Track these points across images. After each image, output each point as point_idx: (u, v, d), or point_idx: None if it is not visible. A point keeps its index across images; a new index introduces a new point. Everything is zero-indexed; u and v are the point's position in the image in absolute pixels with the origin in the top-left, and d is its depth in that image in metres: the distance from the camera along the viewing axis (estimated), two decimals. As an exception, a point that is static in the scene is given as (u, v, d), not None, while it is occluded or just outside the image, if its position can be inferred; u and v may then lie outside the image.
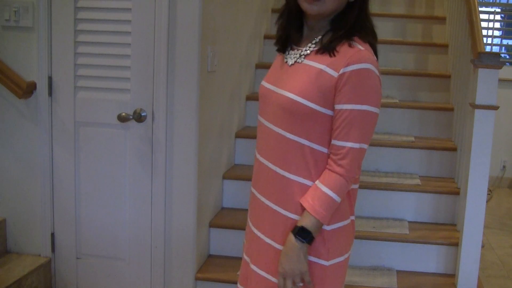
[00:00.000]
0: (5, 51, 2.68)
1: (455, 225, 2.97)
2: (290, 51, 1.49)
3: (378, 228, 2.90)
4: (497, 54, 2.81)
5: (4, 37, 2.67)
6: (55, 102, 2.67)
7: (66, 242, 2.77)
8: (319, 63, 1.40)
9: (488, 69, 2.55)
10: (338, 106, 1.37)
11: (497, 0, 5.74)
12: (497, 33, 5.78)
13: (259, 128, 1.53)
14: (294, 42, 1.49)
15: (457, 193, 2.96)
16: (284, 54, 1.52)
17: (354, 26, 1.41)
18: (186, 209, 2.64)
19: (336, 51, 1.38)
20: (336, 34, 1.40)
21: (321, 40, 1.43)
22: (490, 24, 5.72)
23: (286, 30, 1.49)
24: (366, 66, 1.35)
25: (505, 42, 5.93)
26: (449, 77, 3.74)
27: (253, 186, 1.56)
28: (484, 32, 4.51)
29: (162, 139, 2.59)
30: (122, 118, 2.56)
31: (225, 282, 2.66)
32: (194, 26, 2.52)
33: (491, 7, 5.76)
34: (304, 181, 1.43)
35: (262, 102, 1.52)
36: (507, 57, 6.06)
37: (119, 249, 2.72)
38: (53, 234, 2.77)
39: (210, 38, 2.69)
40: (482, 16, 5.54)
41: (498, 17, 5.80)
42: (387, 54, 3.94)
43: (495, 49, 5.83)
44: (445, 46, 3.99)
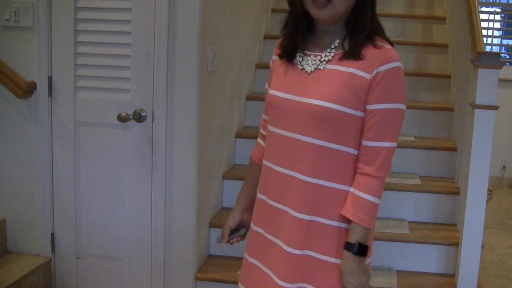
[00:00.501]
0: (5, 51, 2.68)
1: (455, 225, 2.97)
2: (304, 58, 1.44)
3: (378, 228, 2.90)
4: (497, 54, 2.81)
5: (4, 37, 2.67)
6: (55, 102, 2.67)
7: (66, 242, 2.77)
8: (347, 67, 1.37)
9: (488, 69, 2.55)
10: (372, 107, 1.36)
11: (497, 0, 5.74)
12: (497, 33, 5.78)
13: (274, 139, 1.47)
14: (307, 48, 1.45)
15: (457, 193, 2.96)
16: (288, 62, 1.48)
17: (372, 26, 1.40)
18: (186, 209, 2.64)
19: (362, 54, 1.37)
20: (358, 38, 1.38)
21: (341, 44, 1.40)
22: (490, 24, 5.73)
23: (294, 39, 1.45)
24: (397, 64, 1.36)
25: (505, 42, 5.93)
26: (449, 77, 3.74)
27: (271, 199, 1.49)
28: (484, 32, 4.51)
29: (162, 139, 2.59)
30: (122, 118, 2.56)
31: (225, 282, 2.66)
32: (194, 26, 2.52)
33: (491, 7, 5.76)
34: (342, 187, 1.40)
35: (278, 112, 1.46)
36: (507, 57, 6.06)
37: (119, 249, 2.72)
38: (53, 234, 2.77)
39: (210, 38, 2.69)
40: (482, 16, 5.54)
41: (498, 17, 5.80)
42: (387, 54, 3.93)
43: (495, 49, 5.83)
44: (445, 46, 3.99)
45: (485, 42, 4.81)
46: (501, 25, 5.85)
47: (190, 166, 2.61)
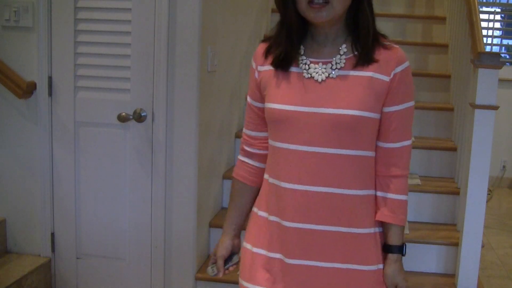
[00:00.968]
0: (5, 51, 2.68)
1: (455, 225, 2.97)
2: (310, 66, 1.35)
3: (378, 228, 2.90)
4: (497, 54, 2.81)
5: (4, 37, 2.67)
6: (55, 102, 2.67)
7: (66, 242, 2.77)
8: (365, 72, 1.32)
9: (488, 69, 2.55)
10: (392, 108, 1.35)
11: (497, 0, 5.74)
12: (497, 33, 5.78)
13: (286, 156, 1.35)
14: (309, 55, 1.36)
15: (457, 193, 2.96)
16: (283, 71, 1.37)
17: (374, 25, 1.37)
18: (186, 209, 2.64)
19: (376, 57, 1.34)
20: (366, 40, 1.33)
21: (350, 48, 1.34)
22: (490, 24, 5.73)
23: (288, 47, 1.35)
24: (408, 63, 1.36)
25: (505, 42, 5.93)
26: (449, 77, 3.74)
27: (292, 220, 1.36)
28: (484, 32, 4.51)
29: (162, 139, 2.59)
30: (122, 118, 2.56)
31: (225, 282, 2.65)
32: (194, 26, 2.52)
33: (491, 7, 5.76)
34: (370, 192, 1.38)
35: (288, 127, 1.34)
36: (507, 57, 6.06)
37: (119, 249, 2.72)
38: (53, 234, 2.77)
39: (210, 38, 2.69)
40: (482, 16, 5.54)
41: (498, 17, 5.80)
42: (387, 54, 3.93)
43: (495, 49, 5.83)
44: (445, 46, 3.99)
45: (485, 42, 4.81)
46: (501, 25, 5.85)
47: (190, 166, 2.61)
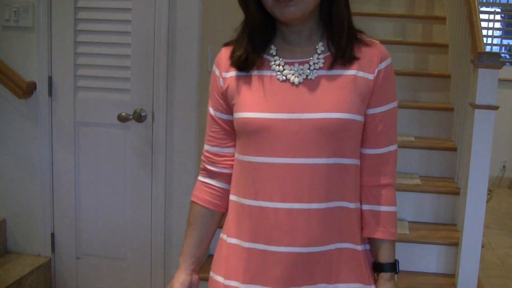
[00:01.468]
0: (5, 51, 2.68)
1: (455, 225, 2.97)
2: (284, 67, 1.19)
3: (378, 228, 2.90)
4: (497, 54, 2.81)
5: (4, 37, 2.67)
6: (55, 102, 2.67)
7: (66, 242, 2.77)
8: (347, 70, 1.18)
9: (488, 69, 2.55)
10: (376, 110, 1.21)
11: (497, 0, 5.74)
12: (497, 33, 5.78)
13: (263, 171, 1.18)
14: (280, 55, 1.21)
15: (457, 193, 2.96)
16: (246, 75, 1.22)
17: (349, 18, 1.21)
18: (186, 209, 2.63)
19: (356, 54, 1.20)
20: (344, 36, 1.19)
21: (326, 46, 1.20)
22: (490, 24, 5.73)
23: (248, 48, 1.21)
24: (390, 59, 1.23)
25: (505, 42, 5.93)
26: (449, 77, 3.74)
27: (276, 244, 1.17)
28: (484, 32, 4.51)
29: (162, 139, 2.59)
30: (122, 118, 2.56)
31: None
32: (194, 26, 2.52)
33: (491, 7, 5.76)
34: (357, 204, 1.24)
35: (264, 137, 1.17)
36: (507, 57, 6.06)
37: (119, 249, 2.72)
38: (53, 234, 2.77)
39: (210, 38, 2.70)
40: (482, 16, 5.55)
41: (498, 17, 5.81)
42: (387, 54, 3.94)
43: (495, 49, 5.83)
44: (445, 46, 3.99)
45: (485, 42, 4.81)
46: (501, 25, 5.85)
47: (190, 166, 2.61)
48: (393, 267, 1.24)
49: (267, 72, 1.20)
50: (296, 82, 1.18)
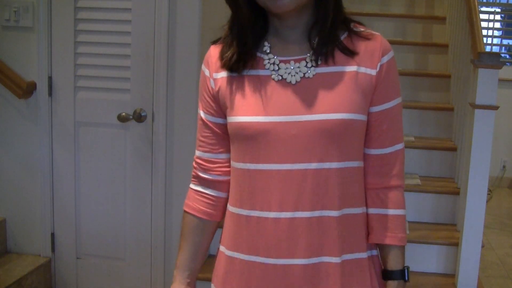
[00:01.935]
0: (5, 51, 2.68)
1: (455, 225, 2.97)
2: (279, 66, 1.11)
3: (378, 228, 2.90)
4: (497, 54, 2.81)
5: (4, 37, 2.67)
6: (55, 102, 2.67)
7: (66, 242, 2.77)
8: (347, 66, 1.10)
9: (488, 69, 2.55)
10: (381, 107, 1.14)
11: (497, 0, 5.74)
12: (497, 33, 5.78)
13: (261, 178, 1.10)
14: (273, 53, 1.13)
15: (457, 193, 2.95)
16: (238, 75, 1.14)
17: (341, 8, 1.13)
18: (186, 209, 2.63)
19: (356, 47, 1.12)
20: (339, 27, 1.12)
21: (322, 43, 1.11)
22: (490, 24, 5.73)
23: (240, 47, 1.13)
24: (393, 52, 1.15)
25: (505, 42, 5.93)
26: (449, 77, 3.74)
27: (278, 256, 1.10)
28: (484, 32, 4.51)
29: (162, 139, 2.59)
30: (122, 118, 2.56)
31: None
32: (194, 26, 2.52)
33: (491, 7, 5.76)
34: (365, 209, 1.17)
35: (262, 143, 1.09)
36: (507, 57, 6.06)
37: (119, 249, 2.72)
38: (53, 234, 2.77)
39: (210, 38, 2.69)
40: (482, 16, 5.55)
41: (498, 17, 5.81)
42: (387, 54, 3.94)
43: (495, 49, 5.84)
44: (445, 46, 3.99)
45: (485, 42, 4.81)
46: (501, 25, 5.85)
47: (190, 166, 2.60)
48: (402, 275, 1.17)
49: (261, 71, 1.12)
50: (293, 82, 1.10)
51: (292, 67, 1.11)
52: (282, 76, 1.11)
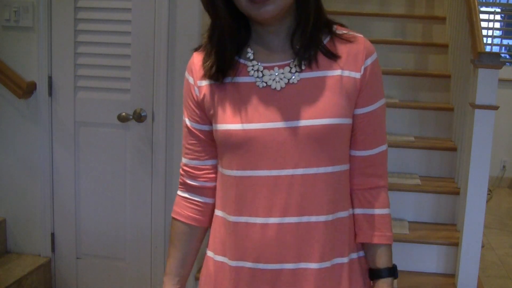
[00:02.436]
0: (5, 51, 2.68)
1: (455, 225, 2.97)
2: (263, 72, 1.11)
3: (378, 228, 2.90)
4: (497, 54, 2.82)
5: (4, 37, 2.67)
6: (55, 102, 2.67)
7: (66, 242, 2.77)
8: (330, 70, 1.10)
9: (488, 69, 2.55)
10: (366, 109, 1.13)
11: (497, 0, 5.74)
12: (497, 33, 5.78)
13: (249, 185, 1.10)
14: (256, 59, 1.12)
15: (457, 193, 2.96)
16: (221, 83, 1.14)
17: (322, 10, 1.12)
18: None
19: (338, 50, 1.12)
20: (320, 31, 1.11)
21: (305, 47, 1.10)
22: (490, 24, 5.73)
23: (219, 56, 1.13)
24: (376, 53, 1.14)
25: (505, 42, 5.93)
26: (449, 77, 3.74)
27: (266, 261, 1.11)
28: (484, 32, 4.51)
29: (162, 139, 2.59)
30: (122, 118, 2.56)
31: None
32: (194, 26, 2.52)
33: (491, 7, 5.76)
34: (351, 211, 1.18)
35: (249, 150, 1.09)
36: (507, 57, 6.06)
37: (119, 249, 2.72)
38: (53, 234, 2.77)
39: (210, 38, 2.69)
40: (482, 16, 5.54)
41: (498, 17, 5.80)
42: (387, 54, 3.94)
43: (495, 49, 5.83)
44: (445, 46, 3.99)
45: (485, 42, 4.81)
46: (501, 25, 5.85)
47: (190, 166, 2.61)
48: (391, 272, 1.17)
49: (246, 78, 1.12)
50: (278, 88, 1.09)
51: (276, 73, 1.10)
52: (266, 83, 1.10)
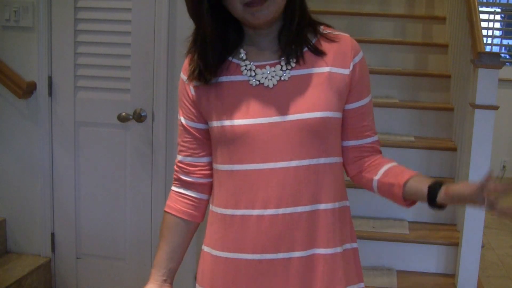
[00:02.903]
0: (5, 51, 2.68)
1: (455, 225, 2.97)
2: (256, 71, 1.16)
3: (378, 228, 2.90)
4: (497, 54, 2.82)
5: (4, 37, 2.67)
6: (55, 102, 2.67)
7: (66, 242, 2.77)
8: (320, 67, 1.16)
9: (488, 69, 2.55)
10: (355, 104, 1.20)
11: (497, 0, 5.74)
12: (497, 33, 5.78)
13: (245, 178, 1.15)
14: (248, 58, 1.18)
15: (457, 193, 2.95)
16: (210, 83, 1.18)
17: (305, 13, 1.18)
18: (186, 209, 2.64)
19: (325, 48, 1.18)
20: (303, 32, 1.17)
21: (290, 44, 1.16)
22: (490, 24, 5.73)
23: (202, 64, 1.19)
24: (362, 51, 1.21)
25: (505, 42, 5.93)
26: (449, 77, 3.73)
27: (270, 252, 1.15)
28: (484, 32, 4.51)
29: (162, 139, 2.59)
30: (122, 118, 2.56)
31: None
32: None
33: (491, 7, 5.76)
34: (347, 203, 1.24)
35: (245, 145, 1.14)
36: (507, 57, 6.06)
37: (119, 249, 2.72)
38: (53, 234, 2.77)
39: (210, 38, 2.69)
40: (482, 16, 5.54)
41: (498, 17, 5.80)
42: (387, 54, 3.94)
43: (495, 49, 5.83)
44: (445, 46, 3.99)
45: (485, 42, 4.81)
46: (501, 25, 5.85)
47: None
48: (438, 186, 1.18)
49: (239, 77, 1.17)
50: (270, 85, 1.15)
51: (268, 72, 1.16)
52: (259, 81, 1.16)
